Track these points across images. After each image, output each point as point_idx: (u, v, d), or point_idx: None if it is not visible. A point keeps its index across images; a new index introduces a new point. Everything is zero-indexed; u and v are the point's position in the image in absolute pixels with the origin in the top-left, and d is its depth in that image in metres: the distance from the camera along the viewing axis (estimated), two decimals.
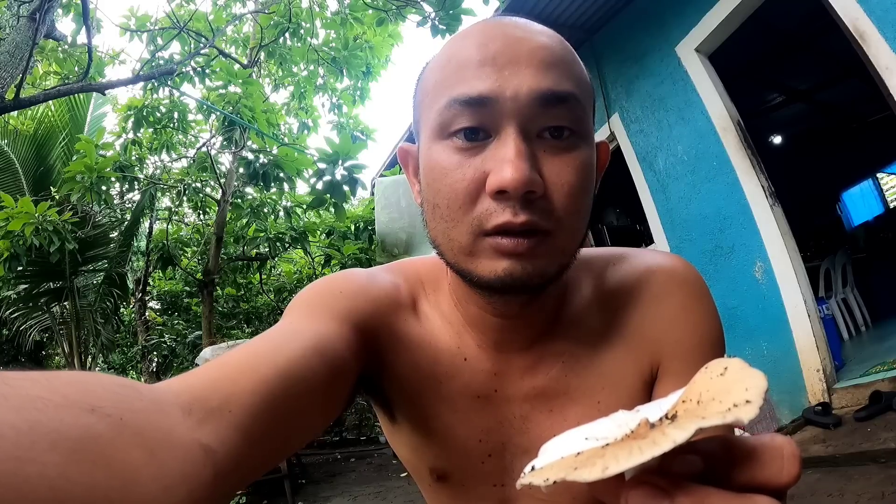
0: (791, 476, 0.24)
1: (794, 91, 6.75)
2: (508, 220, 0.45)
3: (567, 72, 0.49)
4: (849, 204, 8.81)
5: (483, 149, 0.47)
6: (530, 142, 0.47)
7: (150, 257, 8.20)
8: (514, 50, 0.47)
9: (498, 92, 0.46)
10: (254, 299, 9.80)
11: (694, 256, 3.97)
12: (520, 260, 0.46)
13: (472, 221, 0.47)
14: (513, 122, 0.46)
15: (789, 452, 0.24)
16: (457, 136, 0.48)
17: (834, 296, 4.90)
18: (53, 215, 4.58)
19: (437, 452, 0.61)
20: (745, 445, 0.25)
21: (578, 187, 0.48)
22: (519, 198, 0.45)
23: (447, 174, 0.48)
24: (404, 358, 0.58)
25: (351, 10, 5.97)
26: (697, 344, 0.57)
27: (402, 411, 0.60)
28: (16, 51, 3.53)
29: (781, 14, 4.46)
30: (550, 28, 0.54)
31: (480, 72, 0.47)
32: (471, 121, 0.47)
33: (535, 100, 0.46)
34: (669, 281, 0.58)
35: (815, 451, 2.85)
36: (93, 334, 6.84)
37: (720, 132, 3.68)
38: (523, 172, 0.44)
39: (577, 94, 0.48)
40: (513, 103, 0.46)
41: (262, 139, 5.48)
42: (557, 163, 0.47)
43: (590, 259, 0.62)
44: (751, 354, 3.70)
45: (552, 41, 0.50)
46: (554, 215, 0.47)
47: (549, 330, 0.58)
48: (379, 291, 0.58)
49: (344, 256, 6.40)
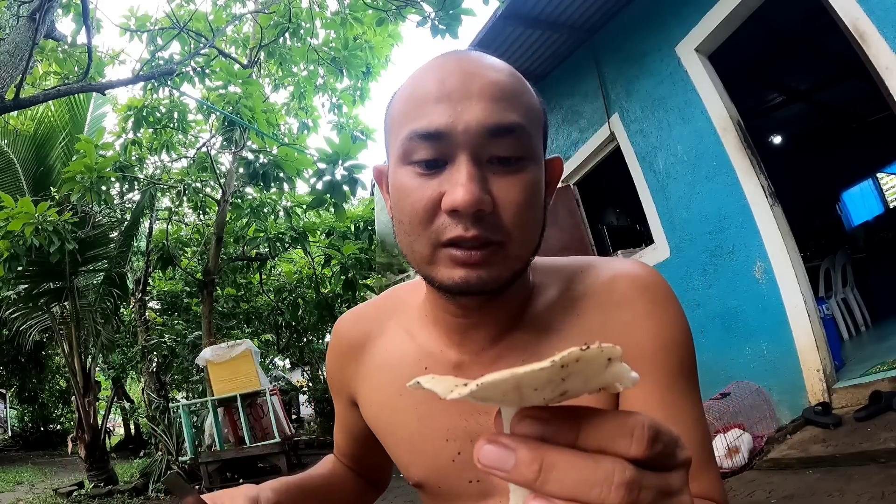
0: (639, 452, 0.25)
1: (794, 91, 6.75)
2: (460, 234, 0.52)
3: (514, 103, 0.54)
4: (849, 204, 8.81)
5: (440, 173, 0.53)
6: (481, 166, 0.53)
7: (150, 257, 8.20)
8: (466, 86, 0.53)
9: (451, 126, 0.52)
10: (254, 299, 9.81)
11: (694, 256, 3.97)
12: (474, 269, 0.53)
13: (431, 235, 0.54)
14: (465, 151, 0.52)
15: (639, 433, 0.25)
16: (417, 164, 0.54)
17: (834, 296, 4.90)
18: (53, 215, 4.58)
19: (408, 460, 0.67)
20: (596, 417, 0.26)
21: (525, 204, 0.54)
22: (469, 215, 0.51)
23: (409, 194, 0.54)
24: (368, 385, 0.70)
25: (351, 10, 5.97)
26: (661, 347, 0.59)
27: (377, 431, 0.70)
28: (16, 51, 3.53)
29: (781, 14, 4.46)
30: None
31: (437, 107, 0.53)
32: (428, 152, 0.53)
33: (484, 132, 0.52)
34: (632, 287, 0.61)
35: (815, 451, 2.85)
36: (93, 334, 6.84)
37: (720, 132, 3.68)
38: (473, 194, 0.50)
39: (522, 125, 0.54)
40: (464, 136, 0.52)
41: (262, 139, 5.48)
42: (505, 183, 0.53)
43: (559, 267, 0.66)
44: (751, 354, 3.70)
45: (501, 75, 0.55)
46: (504, 229, 0.53)
47: (512, 329, 0.62)
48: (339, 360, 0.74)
49: (344, 256, 6.40)
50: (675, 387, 0.58)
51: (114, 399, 11.68)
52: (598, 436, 0.25)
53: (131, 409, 12.21)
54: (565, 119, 4.98)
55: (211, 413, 6.20)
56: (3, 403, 16.00)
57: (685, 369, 0.59)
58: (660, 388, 0.57)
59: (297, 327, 9.63)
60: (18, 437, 15.52)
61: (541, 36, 4.41)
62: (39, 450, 13.90)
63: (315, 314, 8.70)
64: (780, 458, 2.96)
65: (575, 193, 4.83)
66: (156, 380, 8.87)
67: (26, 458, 12.36)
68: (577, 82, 4.76)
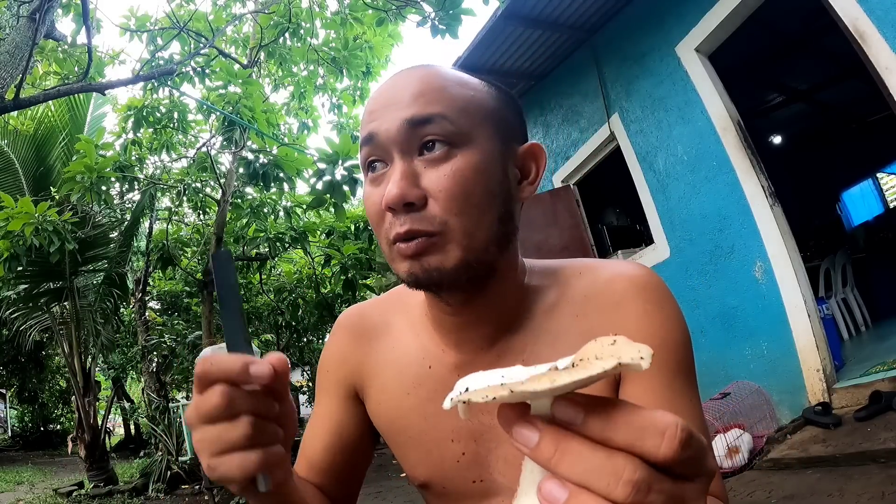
0: (668, 454, 0.25)
1: (794, 91, 6.75)
2: (397, 231, 0.55)
3: (435, 97, 0.57)
4: (849, 204, 8.80)
5: (384, 177, 0.58)
6: (412, 161, 0.56)
7: (150, 257, 8.20)
8: (392, 93, 0.58)
9: (378, 128, 0.57)
10: (254, 299, 9.79)
11: (694, 256, 3.97)
12: (413, 260, 0.56)
13: (385, 235, 0.58)
14: (394, 148, 0.57)
15: (671, 433, 0.25)
16: (369, 169, 0.59)
17: (834, 296, 4.90)
18: (53, 215, 4.57)
19: (414, 460, 0.67)
20: (630, 413, 0.26)
21: (457, 191, 0.55)
22: (401, 210, 0.55)
23: (367, 200, 0.60)
24: (375, 384, 0.70)
25: (351, 10, 5.97)
26: (658, 346, 0.58)
27: (383, 430, 0.71)
28: (16, 51, 3.52)
29: (781, 14, 4.46)
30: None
31: (371, 116, 0.59)
32: (369, 155, 0.59)
33: (404, 125, 0.56)
34: (630, 288, 0.62)
35: (815, 451, 2.85)
36: (93, 334, 6.83)
37: (720, 132, 3.68)
38: (399, 188, 0.54)
39: (443, 113, 0.56)
40: (386, 133, 0.57)
41: (262, 139, 5.48)
42: (434, 174, 0.56)
43: (556, 269, 0.67)
44: (751, 354, 3.70)
45: (426, 75, 0.59)
46: (437, 219, 0.55)
47: (509, 330, 0.64)
48: (345, 350, 0.73)
49: (344, 256, 6.39)
50: (673, 386, 0.58)
51: (114, 399, 11.68)
52: (629, 430, 0.26)
53: (131, 409, 12.21)
54: (565, 119, 4.98)
55: None
56: (3, 403, 16.00)
57: (683, 368, 0.60)
58: (658, 386, 0.58)
59: (297, 327, 9.62)
60: (18, 437, 15.52)
61: (541, 36, 4.41)
62: (39, 450, 13.90)
63: (315, 314, 8.69)
64: (780, 458, 2.96)
65: (575, 193, 4.83)
66: (156, 380, 8.87)
67: (26, 458, 12.36)
68: (577, 82, 4.76)
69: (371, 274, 6.95)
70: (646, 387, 0.58)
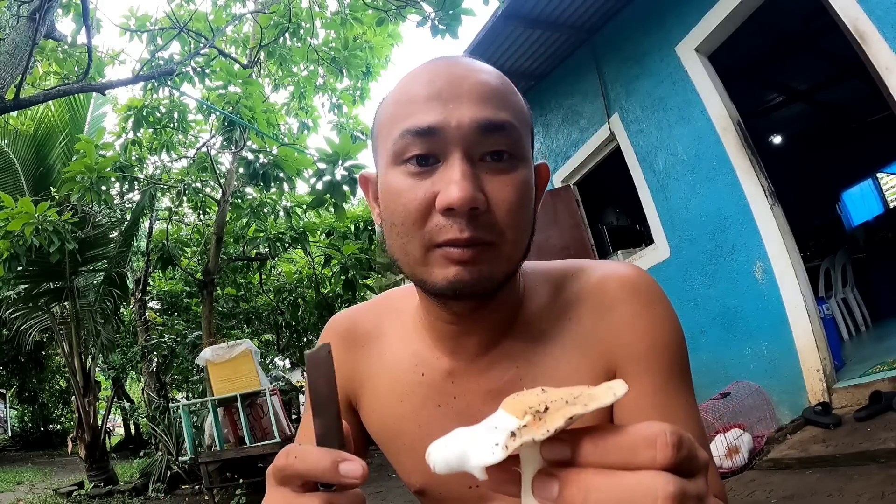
0: (665, 461, 0.25)
1: (794, 91, 6.75)
2: (455, 236, 0.51)
3: (504, 103, 0.54)
4: (849, 204, 8.81)
5: (432, 173, 0.53)
6: (474, 165, 0.53)
7: (150, 257, 8.21)
8: (456, 86, 0.54)
9: (444, 122, 0.52)
10: (254, 299, 9.80)
11: (694, 256, 3.97)
12: (466, 266, 0.52)
13: (425, 235, 0.53)
14: (458, 148, 0.52)
15: (662, 441, 0.26)
16: (409, 162, 0.54)
17: (834, 296, 4.90)
18: (53, 215, 4.58)
19: (410, 467, 0.66)
20: (617, 434, 0.27)
21: (517, 203, 0.53)
22: (465, 214, 0.51)
23: (401, 195, 0.54)
24: (368, 391, 0.68)
25: (351, 10, 5.97)
26: (651, 347, 0.59)
27: (377, 437, 0.69)
28: (16, 51, 3.52)
29: (781, 14, 4.46)
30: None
31: (428, 105, 0.53)
32: (421, 148, 0.53)
33: (477, 128, 0.52)
34: (621, 289, 0.62)
35: (815, 451, 2.85)
36: (93, 334, 6.84)
37: (720, 132, 3.68)
38: (468, 191, 0.50)
39: (513, 122, 0.54)
40: (457, 131, 0.52)
41: (262, 139, 5.48)
42: (498, 182, 0.53)
43: (549, 271, 0.66)
44: (751, 354, 3.70)
45: (490, 77, 0.56)
46: (496, 228, 0.53)
47: (504, 335, 0.62)
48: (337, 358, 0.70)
49: (344, 256, 6.40)
50: (667, 386, 0.58)
51: (114, 399, 11.68)
52: (622, 450, 0.26)
53: (131, 409, 12.21)
54: (565, 119, 4.98)
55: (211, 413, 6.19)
56: (3, 403, 15.99)
57: (677, 368, 0.59)
58: (652, 388, 0.58)
59: (297, 327, 9.62)
60: (18, 437, 15.52)
61: (541, 36, 4.41)
62: (39, 450, 13.90)
63: (315, 314, 8.70)
64: (780, 458, 2.96)
65: (575, 193, 4.83)
66: (156, 380, 8.88)
67: (26, 458, 12.36)
68: (577, 82, 4.76)
69: (371, 274, 6.96)
70: (639, 390, 0.57)
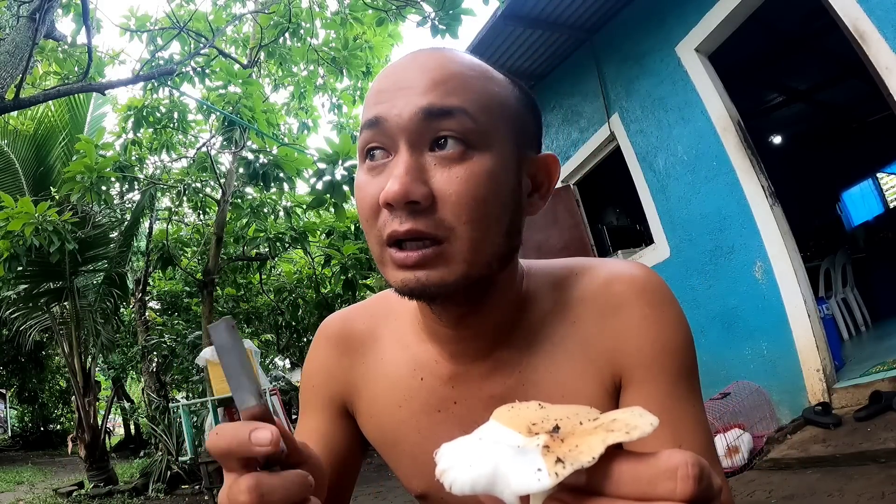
0: (686, 495, 0.24)
1: (794, 91, 6.74)
2: (395, 228, 0.50)
3: (456, 88, 0.51)
4: (849, 204, 8.81)
5: (385, 167, 0.52)
6: (420, 155, 0.51)
7: (150, 257, 8.21)
8: (406, 75, 0.52)
9: (387, 112, 0.51)
10: (254, 299, 9.80)
11: (694, 256, 3.97)
12: (412, 271, 0.50)
13: (377, 233, 0.52)
14: (402, 138, 0.51)
15: (683, 473, 0.25)
16: (367, 156, 0.53)
17: (834, 296, 4.90)
18: (53, 215, 4.58)
19: (411, 473, 0.64)
20: (636, 465, 0.26)
21: (470, 196, 0.50)
22: (403, 208, 0.49)
23: (360, 191, 0.54)
24: (365, 397, 0.66)
25: (351, 10, 5.97)
26: (660, 351, 0.57)
27: (375, 443, 0.67)
28: (16, 51, 3.53)
29: (781, 14, 4.46)
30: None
31: (378, 97, 0.53)
32: (371, 140, 0.52)
33: (418, 114, 0.50)
34: (629, 290, 0.59)
35: (815, 451, 2.85)
36: (93, 334, 6.83)
37: (720, 132, 3.68)
38: (403, 185, 0.48)
39: (463, 108, 0.50)
40: (398, 119, 0.50)
41: (262, 139, 5.48)
42: (446, 174, 0.50)
43: (552, 270, 0.63)
44: (751, 354, 3.70)
45: (447, 62, 0.53)
46: (445, 224, 0.50)
47: (505, 340, 0.60)
48: (331, 363, 0.68)
49: (344, 256, 6.39)
50: (676, 391, 0.56)
51: (114, 399, 11.69)
52: (640, 482, 0.25)
53: (131, 409, 12.22)
54: (565, 119, 4.98)
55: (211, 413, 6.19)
56: (3, 403, 16.00)
57: (686, 373, 0.58)
58: (661, 393, 0.56)
59: (297, 327, 9.62)
60: (18, 437, 15.53)
61: (541, 36, 4.41)
62: (39, 450, 13.91)
63: (315, 314, 8.69)
64: (780, 458, 2.96)
65: (575, 193, 4.84)
66: (156, 380, 8.88)
67: (26, 458, 12.36)
68: (577, 82, 4.76)
69: (371, 274, 6.95)
70: (647, 395, 0.56)
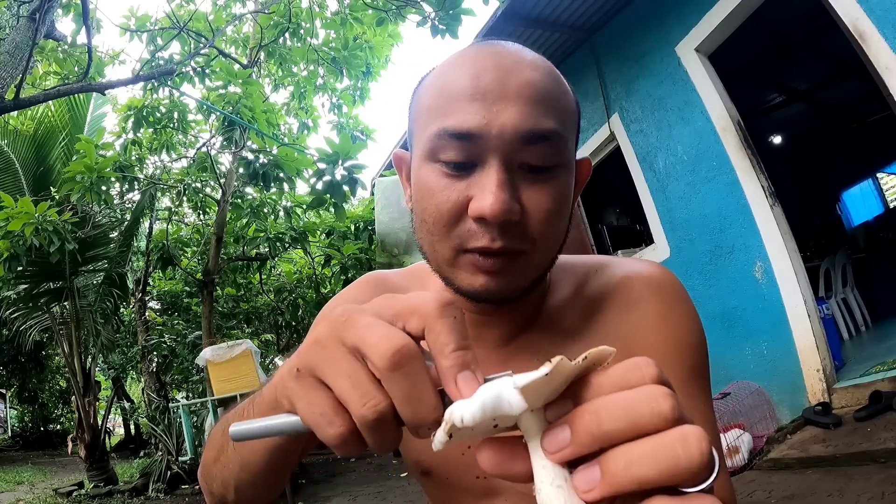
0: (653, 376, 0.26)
1: (794, 91, 6.75)
2: (487, 245, 0.50)
3: (551, 107, 0.51)
4: (849, 204, 8.81)
5: (468, 175, 0.51)
6: (511, 172, 0.50)
7: (150, 257, 8.20)
8: (503, 85, 0.50)
9: (485, 129, 0.49)
10: (254, 299, 9.79)
11: (694, 256, 3.97)
12: (495, 277, 0.51)
13: (454, 239, 0.51)
14: (497, 155, 0.49)
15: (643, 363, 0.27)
16: (445, 164, 0.51)
17: (834, 296, 4.90)
18: (53, 215, 4.58)
19: (419, 447, 0.64)
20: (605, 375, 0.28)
21: (553, 213, 0.52)
22: (497, 224, 0.49)
23: (434, 194, 0.52)
24: None
25: (351, 10, 5.97)
26: (673, 347, 0.58)
27: None
28: (16, 51, 3.53)
29: (781, 14, 4.46)
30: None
31: (470, 106, 0.50)
32: (458, 153, 0.50)
33: (519, 138, 0.49)
34: (646, 287, 0.61)
35: (815, 451, 2.85)
36: (93, 334, 6.83)
37: (720, 132, 3.68)
38: (503, 203, 0.48)
39: (558, 131, 0.51)
40: (498, 140, 0.49)
41: (262, 139, 5.48)
42: (536, 191, 0.51)
43: (573, 265, 0.66)
44: (751, 354, 3.70)
45: (540, 74, 0.52)
46: (529, 237, 0.51)
47: (525, 328, 0.62)
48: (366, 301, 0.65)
49: (344, 256, 6.40)
50: (686, 388, 0.57)
51: (114, 399, 11.69)
52: (614, 382, 0.27)
53: (131, 409, 12.22)
54: None
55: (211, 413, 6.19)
56: (3, 403, 15.99)
57: (697, 371, 0.59)
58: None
59: (297, 327, 9.62)
60: (18, 437, 15.52)
61: (541, 36, 4.41)
62: (39, 450, 13.90)
63: (315, 314, 8.68)
64: (780, 458, 2.96)
65: None
66: (156, 380, 8.87)
67: (26, 458, 12.35)
68: (577, 82, 4.76)
69: None
70: None
